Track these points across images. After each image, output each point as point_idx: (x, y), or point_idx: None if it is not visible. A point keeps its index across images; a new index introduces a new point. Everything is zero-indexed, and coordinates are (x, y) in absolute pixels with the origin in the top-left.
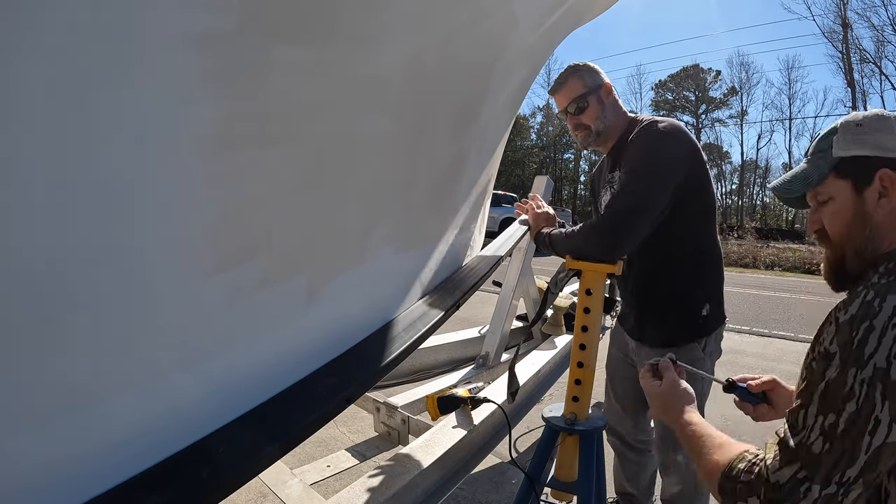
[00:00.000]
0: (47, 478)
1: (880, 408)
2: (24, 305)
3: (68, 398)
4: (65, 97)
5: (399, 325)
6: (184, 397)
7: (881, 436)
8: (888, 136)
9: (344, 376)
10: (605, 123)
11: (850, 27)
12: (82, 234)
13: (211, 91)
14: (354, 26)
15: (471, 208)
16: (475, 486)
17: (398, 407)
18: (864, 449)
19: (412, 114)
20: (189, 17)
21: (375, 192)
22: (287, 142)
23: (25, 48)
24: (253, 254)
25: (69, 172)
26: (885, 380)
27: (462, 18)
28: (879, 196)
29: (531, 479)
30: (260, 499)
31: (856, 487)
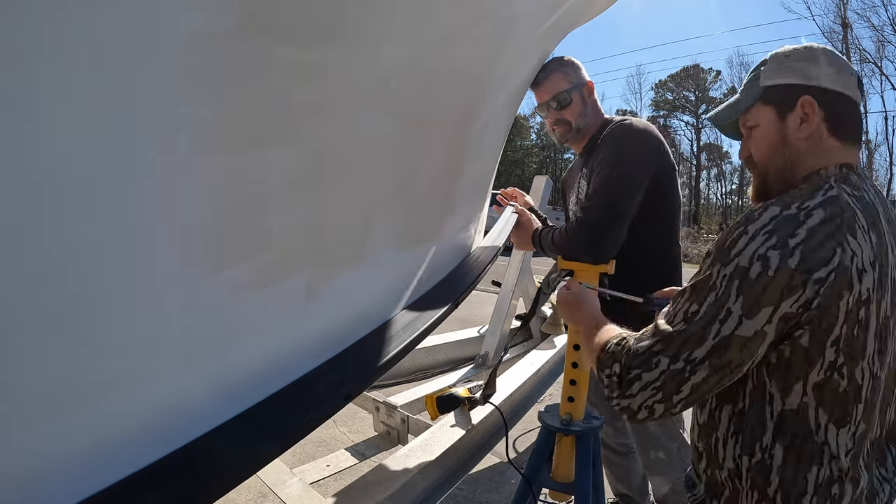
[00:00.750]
0: (46, 475)
1: (734, 300)
2: (22, 304)
3: (67, 396)
4: (64, 97)
5: (398, 323)
6: (183, 395)
7: (730, 326)
8: (812, 66)
9: (343, 374)
10: (586, 121)
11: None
12: (81, 233)
13: (210, 90)
14: (354, 26)
15: (470, 208)
16: (474, 486)
17: (398, 406)
18: (712, 334)
19: (412, 113)
20: (189, 17)
21: (375, 191)
22: (287, 141)
23: (25, 48)
24: (252, 252)
25: (68, 171)
26: (744, 277)
27: (462, 18)
28: (801, 122)
29: (528, 481)
30: (260, 498)
31: (702, 369)
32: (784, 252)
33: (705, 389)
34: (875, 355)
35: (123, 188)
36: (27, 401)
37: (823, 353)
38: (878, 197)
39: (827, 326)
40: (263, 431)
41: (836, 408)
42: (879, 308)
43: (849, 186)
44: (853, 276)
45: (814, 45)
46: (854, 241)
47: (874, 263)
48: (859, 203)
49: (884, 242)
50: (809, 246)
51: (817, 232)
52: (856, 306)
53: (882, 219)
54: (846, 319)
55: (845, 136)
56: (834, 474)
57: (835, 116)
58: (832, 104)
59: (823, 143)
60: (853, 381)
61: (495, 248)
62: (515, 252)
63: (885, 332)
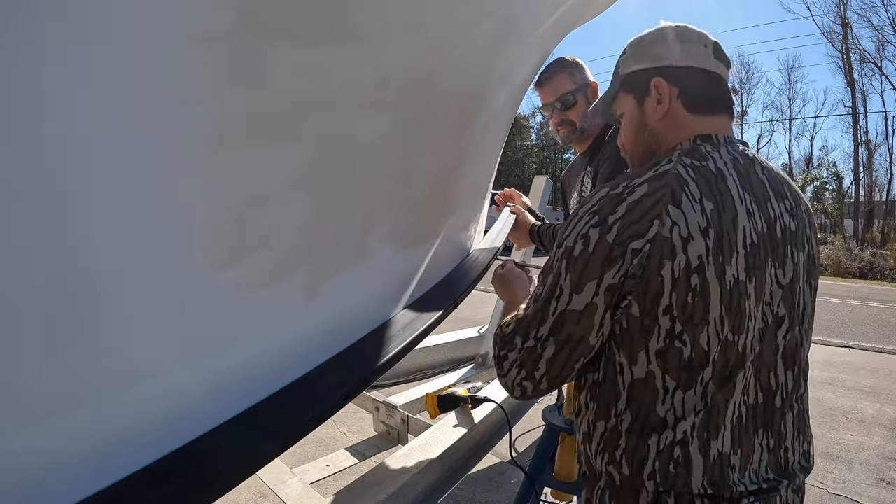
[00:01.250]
0: (46, 475)
1: (564, 278)
2: (21, 303)
3: (67, 396)
4: (64, 96)
5: (398, 323)
6: (182, 395)
7: (563, 302)
8: (661, 47)
9: (342, 374)
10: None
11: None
12: (81, 232)
13: (210, 90)
14: (354, 26)
15: (470, 208)
16: (475, 486)
17: (397, 406)
18: (551, 311)
19: (412, 113)
20: (189, 17)
21: (375, 191)
22: (286, 141)
23: (24, 47)
24: (252, 252)
25: (67, 171)
26: (570, 256)
27: (462, 18)
28: (657, 103)
29: (531, 479)
30: (260, 498)
31: (549, 344)
32: (603, 229)
33: (560, 364)
34: (722, 320)
35: (122, 188)
36: (26, 400)
37: (658, 321)
38: (734, 162)
39: (654, 295)
40: (263, 431)
41: (682, 373)
42: (723, 272)
43: (692, 157)
44: (675, 244)
45: (665, 24)
46: (677, 212)
47: (706, 230)
48: (697, 172)
49: (729, 208)
50: (627, 220)
51: (636, 206)
52: (684, 274)
53: (734, 183)
54: (674, 287)
55: (701, 108)
56: (677, 437)
57: (687, 91)
58: (683, 80)
59: (680, 120)
60: (697, 346)
61: (494, 248)
62: (516, 252)
63: (737, 296)
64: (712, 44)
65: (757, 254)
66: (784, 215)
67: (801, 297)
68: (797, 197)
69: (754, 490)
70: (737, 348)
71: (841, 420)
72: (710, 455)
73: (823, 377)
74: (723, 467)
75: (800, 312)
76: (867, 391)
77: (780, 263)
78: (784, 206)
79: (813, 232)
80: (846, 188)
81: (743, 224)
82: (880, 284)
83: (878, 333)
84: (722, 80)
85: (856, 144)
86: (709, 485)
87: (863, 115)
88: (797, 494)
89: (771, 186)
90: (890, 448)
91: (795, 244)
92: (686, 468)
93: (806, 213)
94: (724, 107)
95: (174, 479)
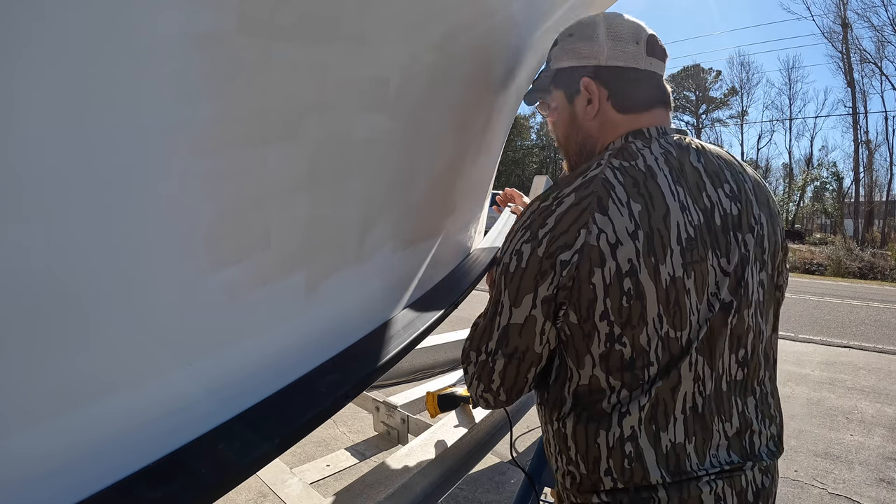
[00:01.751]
0: (47, 475)
1: (504, 293)
2: (21, 303)
3: (68, 396)
4: (64, 96)
5: (398, 323)
6: (182, 394)
7: (505, 317)
8: (591, 44)
9: (342, 374)
10: None
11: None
12: (81, 232)
13: (210, 90)
14: (354, 26)
15: (470, 208)
16: (475, 486)
17: (398, 406)
18: (496, 326)
19: (412, 113)
20: (188, 17)
21: (374, 190)
22: (286, 141)
23: (24, 47)
24: (252, 252)
25: (68, 171)
26: (506, 273)
27: (462, 18)
28: (587, 103)
29: (531, 479)
30: (260, 498)
31: (498, 357)
32: (534, 244)
33: (512, 375)
34: (661, 318)
35: (122, 187)
36: (26, 401)
37: (596, 327)
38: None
39: (588, 303)
40: (263, 431)
41: (625, 373)
42: (657, 272)
43: (621, 158)
44: (603, 251)
45: (598, 16)
46: (603, 218)
47: (635, 233)
48: (624, 174)
49: (660, 207)
50: (556, 233)
51: (563, 218)
52: (615, 279)
53: (666, 179)
54: (607, 293)
55: (633, 108)
56: (625, 433)
57: (617, 93)
58: (614, 81)
59: (611, 120)
60: (638, 346)
61: (495, 248)
62: None
63: (675, 292)
64: (645, 39)
65: (695, 247)
66: (723, 201)
67: (749, 280)
68: (740, 179)
69: (716, 472)
70: (680, 343)
71: (841, 420)
72: (662, 446)
73: (823, 377)
74: (678, 456)
75: (749, 296)
76: (867, 391)
77: (722, 251)
78: (723, 191)
79: (764, 209)
80: (846, 188)
81: (676, 220)
82: (880, 284)
83: (878, 333)
84: (655, 77)
85: (856, 144)
86: (667, 474)
87: (863, 115)
88: (766, 475)
89: (707, 174)
90: (890, 448)
91: (740, 228)
92: (640, 462)
93: (755, 191)
94: (657, 101)
95: (174, 479)
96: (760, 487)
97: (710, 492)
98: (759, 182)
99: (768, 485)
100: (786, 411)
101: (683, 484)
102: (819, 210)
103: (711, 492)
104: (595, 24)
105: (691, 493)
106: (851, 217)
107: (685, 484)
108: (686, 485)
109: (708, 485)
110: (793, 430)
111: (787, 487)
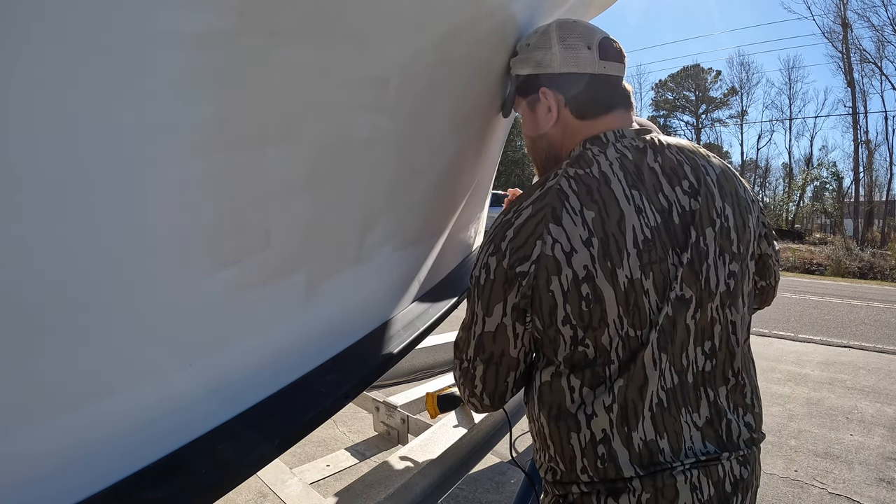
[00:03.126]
0: (48, 475)
1: (476, 304)
2: (21, 303)
3: (68, 396)
4: (63, 96)
5: (398, 323)
6: (182, 395)
7: (479, 326)
8: (545, 53)
9: (342, 374)
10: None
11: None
12: (80, 232)
13: (210, 90)
14: (354, 26)
15: (470, 208)
16: (475, 486)
17: (398, 406)
18: (472, 336)
19: (411, 113)
20: (189, 17)
21: (374, 190)
22: (286, 141)
23: (24, 48)
24: (252, 252)
25: (68, 171)
26: (476, 285)
27: (462, 18)
28: (548, 111)
29: (531, 479)
30: (260, 498)
31: (478, 363)
32: (499, 256)
33: (492, 380)
34: (621, 319)
35: (122, 187)
36: (26, 401)
37: (560, 332)
38: (621, 160)
39: (549, 309)
40: (263, 431)
41: (587, 372)
42: (614, 276)
43: (577, 166)
44: (559, 260)
45: (551, 24)
46: (557, 228)
47: (589, 241)
48: (579, 182)
49: (614, 212)
50: (515, 245)
51: (521, 230)
52: (573, 285)
53: (620, 184)
54: (566, 299)
55: (590, 113)
56: (597, 436)
57: (575, 98)
58: (570, 88)
59: (571, 126)
60: (600, 346)
61: None
62: None
63: (633, 294)
64: (598, 42)
65: (652, 248)
66: (681, 199)
67: (712, 273)
68: (701, 173)
69: (691, 462)
70: (640, 341)
71: (841, 420)
72: (634, 445)
73: (823, 377)
74: (651, 453)
75: (711, 289)
76: (867, 391)
77: (682, 248)
78: (681, 188)
79: (728, 200)
80: (846, 188)
81: (632, 223)
82: (880, 284)
83: (878, 333)
84: (611, 80)
85: (856, 144)
86: (640, 468)
87: (863, 115)
88: (745, 466)
89: (664, 173)
90: (890, 448)
91: (701, 223)
92: (613, 462)
93: (718, 183)
94: (616, 103)
95: (174, 479)
96: (739, 478)
97: (685, 480)
98: (727, 171)
99: (747, 476)
100: (786, 411)
101: (657, 475)
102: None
103: (686, 480)
104: (547, 32)
105: (665, 481)
106: (851, 217)
107: (658, 474)
108: (660, 475)
109: (682, 474)
110: (793, 429)
111: (787, 487)
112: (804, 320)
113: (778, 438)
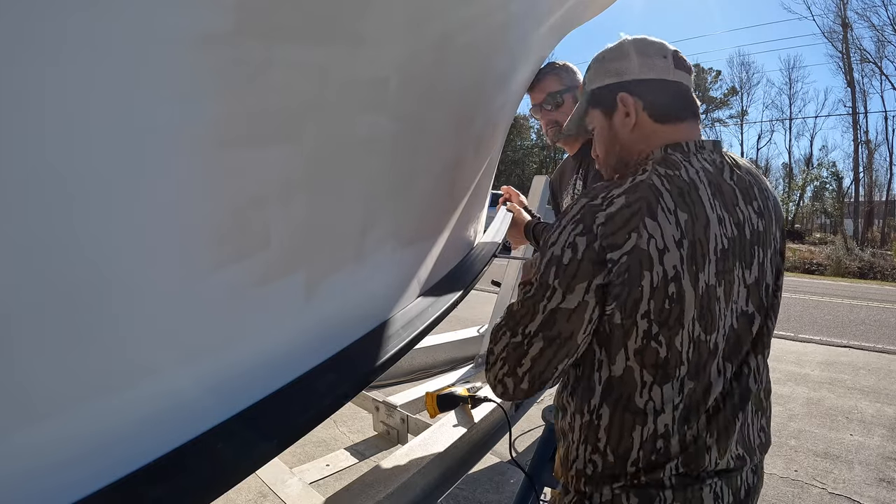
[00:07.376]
0: (47, 474)
1: (553, 280)
2: (20, 302)
3: (67, 395)
4: (63, 96)
5: (397, 322)
6: (181, 394)
7: (555, 301)
8: (623, 62)
9: (342, 373)
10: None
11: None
12: (80, 231)
13: (210, 90)
14: (354, 26)
15: (469, 207)
16: (475, 486)
17: (397, 406)
18: (541, 310)
19: (411, 113)
20: (189, 17)
21: (374, 190)
22: (286, 140)
23: (23, 47)
24: (251, 251)
25: (67, 170)
26: (558, 263)
27: (462, 18)
28: (625, 116)
29: (531, 479)
30: (259, 498)
31: (537, 340)
32: (589, 237)
33: (545, 361)
34: (694, 322)
35: (122, 187)
36: (25, 399)
37: (636, 324)
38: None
39: (633, 302)
40: (262, 430)
41: (659, 370)
42: (696, 280)
43: (665, 167)
44: (652, 256)
45: (625, 39)
46: (653, 224)
47: (680, 241)
48: (671, 183)
49: (702, 217)
50: (607, 230)
51: (615, 217)
52: (662, 283)
53: (706, 192)
54: (653, 295)
55: (667, 117)
56: (659, 430)
57: (651, 103)
58: (648, 93)
59: (648, 130)
60: (673, 347)
61: (494, 244)
62: (514, 250)
63: (708, 299)
64: (671, 54)
65: (726, 258)
66: (752, 217)
67: (767, 292)
68: (766, 195)
69: (721, 470)
70: (709, 346)
71: (841, 420)
72: (686, 443)
73: (823, 377)
74: (698, 453)
75: (766, 306)
76: (867, 391)
77: (747, 264)
78: (752, 207)
79: (779, 227)
80: (846, 188)
81: (714, 231)
82: (880, 284)
83: (878, 333)
84: (683, 87)
85: (856, 144)
86: (682, 466)
87: (863, 114)
88: (755, 474)
89: (740, 190)
90: (890, 448)
91: (764, 244)
92: (665, 456)
93: (774, 208)
94: (688, 112)
95: (174, 479)
96: (751, 486)
97: (709, 491)
98: (777, 200)
99: (755, 483)
100: (786, 411)
101: (688, 487)
102: (819, 210)
103: (711, 491)
104: (625, 44)
105: (693, 494)
106: (851, 217)
107: (689, 487)
108: (690, 488)
109: (709, 486)
110: (793, 429)
111: (787, 487)
112: (804, 320)
113: (778, 438)
